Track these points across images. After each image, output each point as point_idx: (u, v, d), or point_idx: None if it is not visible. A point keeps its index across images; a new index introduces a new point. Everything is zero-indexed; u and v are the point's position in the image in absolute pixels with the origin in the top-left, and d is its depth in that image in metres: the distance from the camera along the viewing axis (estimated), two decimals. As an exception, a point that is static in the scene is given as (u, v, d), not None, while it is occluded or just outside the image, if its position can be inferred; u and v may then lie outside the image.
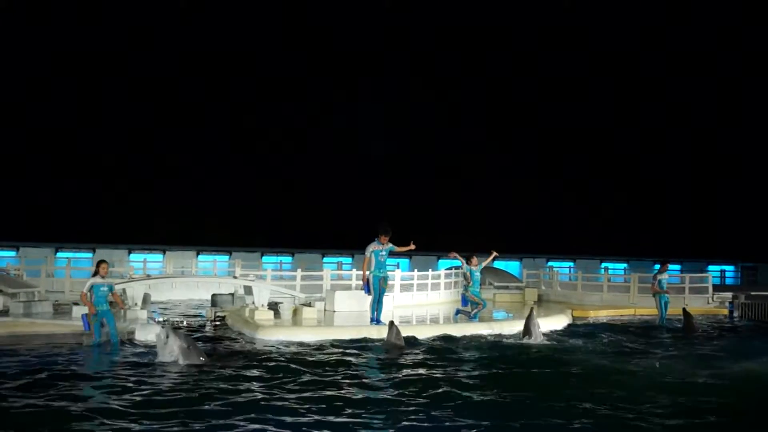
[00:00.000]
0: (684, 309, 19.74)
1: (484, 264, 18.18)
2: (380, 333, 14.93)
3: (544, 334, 16.01)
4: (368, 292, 16.10)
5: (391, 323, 14.54)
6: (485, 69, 47.36)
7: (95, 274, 14.01)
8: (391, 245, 15.90)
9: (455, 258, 18.10)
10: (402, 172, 44.80)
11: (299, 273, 21.30)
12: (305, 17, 45.92)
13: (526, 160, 47.24)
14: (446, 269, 24.90)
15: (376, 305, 16.10)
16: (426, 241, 36.31)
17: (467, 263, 17.81)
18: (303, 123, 45.83)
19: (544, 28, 47.10)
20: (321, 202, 42.51)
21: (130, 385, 10.32)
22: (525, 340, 15.39)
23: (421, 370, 11.83)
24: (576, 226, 42.61)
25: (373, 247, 15.83)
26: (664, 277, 20.71)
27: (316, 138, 45.75)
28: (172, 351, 11.88)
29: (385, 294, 16.80)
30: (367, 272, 15.89)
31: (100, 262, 14.25)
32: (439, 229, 39.47)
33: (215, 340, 15.05)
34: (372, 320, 16.03)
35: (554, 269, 29.78)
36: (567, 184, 46.23)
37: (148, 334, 14.33)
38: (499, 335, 16.27)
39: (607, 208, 45.28)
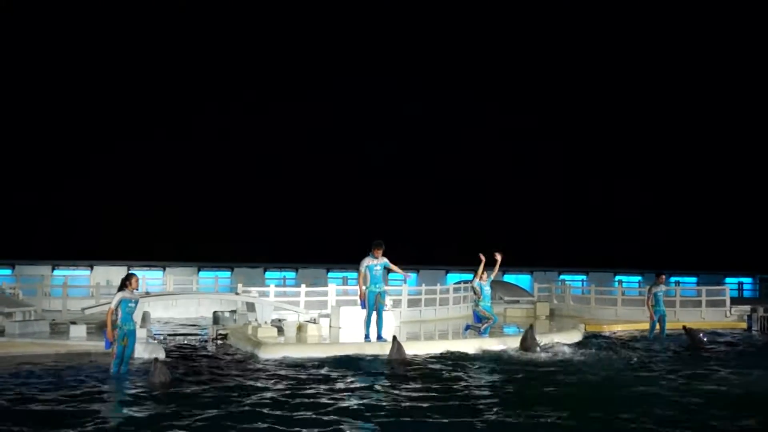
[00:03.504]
0: (684, 326, 18.98)
1: (492, 275, 17.56)
2: (383, 348, 14.62)
3: (551, 349, 15.52)
4: (364, 307, 15.69)
5: (394, 338, 14.26)
6: (494, 72, 46.92)
7: (123, 287, 12.67)
8: (386, 260, 15.49)
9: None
10: (409, 184, 44.31)
11: (303, 289, 20.73)
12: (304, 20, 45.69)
13: (536, 170, 46.71)
14: (454, 283, 24.35)
15: (372, 320, 15.63)
16: (434, 254, 36.13)
17: (477, 277, 17.23)
18: (307, 134, 45.40)
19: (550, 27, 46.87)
20: (325, 216, 42.01)
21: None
22: (527, 354, 15.09)
23: (426, 387, 11.55)
24: (589, 239, 41.94)
25: (367, 261, 15.50)
26: (660, 289, 19.87)
27: (321, 150, 45.28)
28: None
29: (386, 309, 16.36)
30: (363, 287, 15.50)
31: (130, 276, 12.88)
32: (448, 241, 38.90)
33: (215, 359, 14.53)
34: (366, 337, 15.63)
35: (566, 283, 29.15)
36: (579, 196, 45.69)
37: (148, 353, 13.95)
38: (509, 351, 15.77)
39: (621, 219, 44.66)
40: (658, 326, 19.63)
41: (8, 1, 40.73)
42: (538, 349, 15.42)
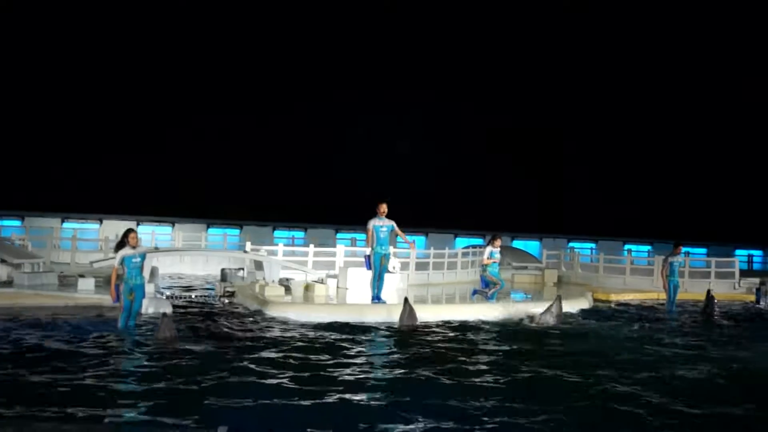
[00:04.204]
0: (708, 291, 19.06)
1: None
2: (390, 311, 14.58)
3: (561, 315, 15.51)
4: (369, 268, 15.71)
5: (406, 300, 14.23)
6: (498, 55, 46.70)
7: (122, 245, 12.50)
8: (393, 223, 15.49)
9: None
10: (420, 146, 44.14)
11: (312, 249, 20.70)
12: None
13: (546, 140, 46.44)
14: (463, 248, 24.28)
15: (377, 282, 15.69)
16: (444, 218, 36.06)
17: (490, 244, 17.22)
18: (318, 94, 45.22)
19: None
20: (335, 176, 41.95)
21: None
22: (541, 320, 14.96)
23: (432, 351, 11.54)
24: (599, 207, 41.75)
25: (373, 222, 15.46)
26: (676, 259, 19.75)
27: (332, 109, 45.12)
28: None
29: (392, 272, 16.35)
30: (369, 248, 15.55)
31: (128, 231, 12.69)
32: (459, 207, 38.82)
33: (222, 316, 14.56)
34: (373, 298, 15.66)
35: (575, 250, 29.05)
36: (589, 163, 45.46)
37: (155, 308, 14.12)
38: (516, 316, 15.76)
39: (630, 188, 44.46)
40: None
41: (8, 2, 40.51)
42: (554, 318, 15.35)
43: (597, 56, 46.51)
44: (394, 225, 15.54)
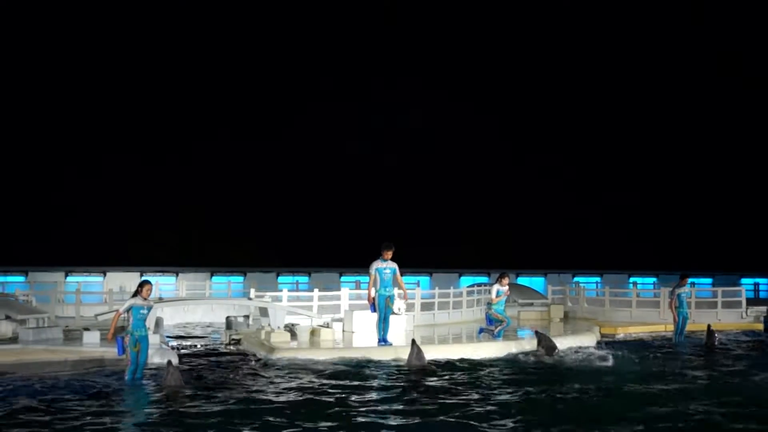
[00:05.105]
0: (709, 326, 18.96)
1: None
2: (398, 353, 14.57)
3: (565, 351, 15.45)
4: (374, 311, 15.74)
5: (413, 342, 14.16)
6: (497, 75, 46.88)
7: (136, 294, 12.72)
8: (395, 266, 15.55)
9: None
10: (422, 186, 44.17)
11: (316, 293, 20.65)
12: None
13: (549, 172, 46.46)
14: (468, 286, 24.24)
15: (382, 324, 15.67)
16: (448, 257, 36.03)
17: (498, 282, 17.29)
18: (319, 136, 45.36)
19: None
20: (338, 220, 41.91)
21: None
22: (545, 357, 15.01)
23: (443, 392, 11.47)
24: (602, 240, 41.60)
25: (376, 264, 15.53)
26: (683, 290, 19.74)
27: (332, 153, 45.23)
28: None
29: (397, 313, 16.36)
30: (373, 291, 15.52)
31: (143, 283, 12.87)
32: (462, 244, 38.77)
33: (228, 364, 14.48)
34: (379, 341, 15.62)
35: (581, 285, 28.99)
36: (592, 197, 45.44)
37: (160, 358, 13.92)
38: (524, 353, 15.68)
39: (635, 220, 44.39)
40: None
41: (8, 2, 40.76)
42: (556, 351, 15.30)
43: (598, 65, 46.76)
44: (397, 269, 15.58)
